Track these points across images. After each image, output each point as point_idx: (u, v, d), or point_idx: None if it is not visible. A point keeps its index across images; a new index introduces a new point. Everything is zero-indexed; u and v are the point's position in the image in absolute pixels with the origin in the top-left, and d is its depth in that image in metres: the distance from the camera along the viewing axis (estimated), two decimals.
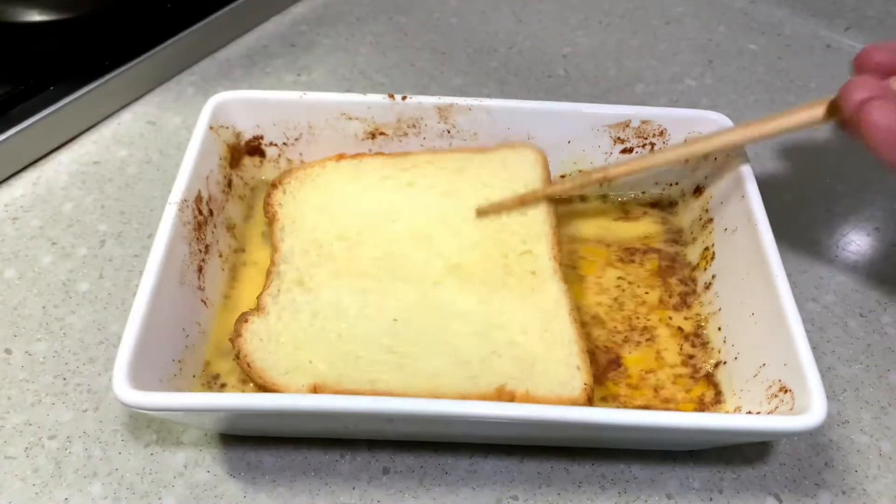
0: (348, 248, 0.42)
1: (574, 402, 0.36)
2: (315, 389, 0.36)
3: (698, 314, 0.42)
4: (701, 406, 0.39)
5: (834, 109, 0.37)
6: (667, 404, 0.39)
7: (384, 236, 0.43)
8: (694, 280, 0.44)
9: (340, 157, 0.46)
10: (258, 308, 0.39)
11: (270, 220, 0.43)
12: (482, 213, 0.43)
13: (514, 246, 0.42)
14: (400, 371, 0.37)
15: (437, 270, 0.41)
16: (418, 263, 0.41)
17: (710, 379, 0.40)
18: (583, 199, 0.48)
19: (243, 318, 0.39)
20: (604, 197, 0.48)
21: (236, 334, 0.38)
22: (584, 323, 0.42)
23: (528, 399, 0.36)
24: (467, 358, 0.38)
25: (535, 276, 0.41)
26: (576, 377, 0.37)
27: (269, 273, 0.41)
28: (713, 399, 0.39)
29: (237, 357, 0.38)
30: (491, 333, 0.39)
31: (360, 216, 0.43)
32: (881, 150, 0.35)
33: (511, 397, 0.36)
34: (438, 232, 0.43)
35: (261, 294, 0.40)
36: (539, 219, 0.43)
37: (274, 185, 0.45)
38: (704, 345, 0.41)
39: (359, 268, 0.41)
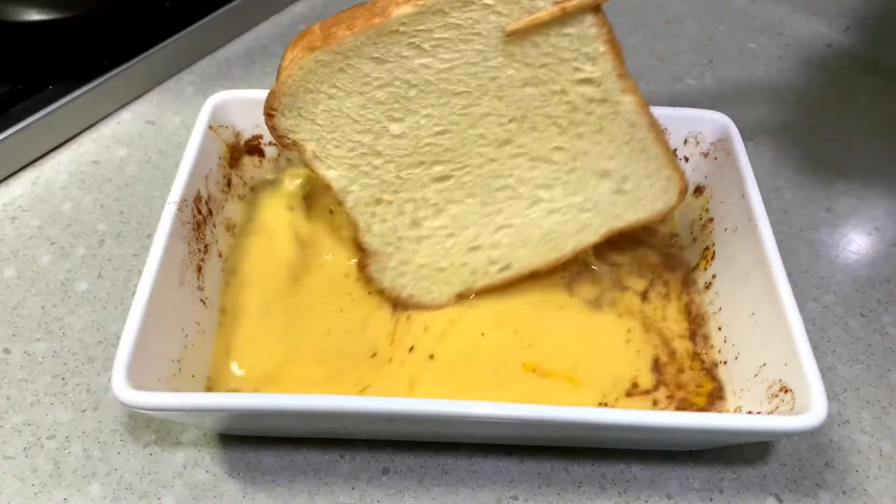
0: (393, 142, 0.39)
1: (673, 208, 0.41)
2: (463, 294, 0.42)
3: (696, 315, 0.42)
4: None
5: None
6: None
7: (422, 115, 0.39)
8: (692, 280, 0.44)
9: (310, 48, 0.37)
10: (367, 253, 0.41)
11: (296, 150, 0.40)
12: (514, 33, 0.36)
13: (568, 74, 0.38)
14: (518, 246, 0.41)
15: (499, 134, 0.39)
16: (475, 132, 0.39)
17: (709, 374, 0.40)
18: None
19: (362, 264, 0.41)
20: None
21: (368, 278, 0.42)
22: None
23: (636, 224, 0.41)
24: (569, 216, 0.41)
25: (603, 103, 0.38)
26: (670, 188, 0.40)
27: (347, 214, 0.41)
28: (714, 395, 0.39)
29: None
30: (578, 185, 0.40)
31: (382, 105, 0.38)
32: None
33: (620, 232, 0.41)
34: (478, 90, 0.38)
35: (358, 238, 0.41)
36: (590, 34, 0.37)
37: (269, 115, 0.39)
38: (705, 340, 0.41)
39: (417, 159, 0.40)
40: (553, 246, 0.41)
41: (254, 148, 0.46)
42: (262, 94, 0.45)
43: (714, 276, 0.42)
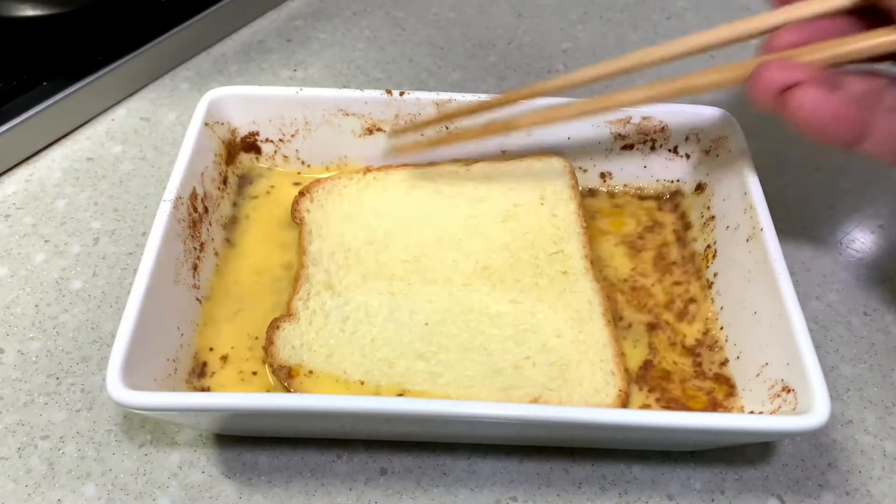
0: (376, 251, 0.42)
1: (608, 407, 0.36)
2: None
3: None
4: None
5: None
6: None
7: (412, 239, 0.42)
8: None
9: (367, 169, 0.46)
10: (288, 313, 0.39)
11: (298, 224, 0.43)
12: (396, 132, 0.45)
13: (544, 246, 0.42)
14: (434, 382, 0.37)
15: (467, 272, 0.41)
16: (447, 265, 0.41)
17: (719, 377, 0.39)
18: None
19: (274, 325, 0.38)
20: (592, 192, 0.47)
21: (268, 342, 0.38)
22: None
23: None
24: (501, 366, 0.37)
25: (567, 275, 0.41)
26: (610, 383, 0.37)
27: (297, 277, 0.41)
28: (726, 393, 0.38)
29: (271, 367, 0.38)
30: (524, 337, 0.39)
31: (388, 222, 0.43)
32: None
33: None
34: (467, 234, 0.43)
35: (290, 298, 0.40)
36: (569, 220, 0.43)
37: (301, 194, 0.44)
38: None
39: (388, 271, 0.41)
40: (473, 389, 0.37)
41: (250, 145, 0.46)
42: (258, 90, 0.45)
43: (715, 275, 0.42)
